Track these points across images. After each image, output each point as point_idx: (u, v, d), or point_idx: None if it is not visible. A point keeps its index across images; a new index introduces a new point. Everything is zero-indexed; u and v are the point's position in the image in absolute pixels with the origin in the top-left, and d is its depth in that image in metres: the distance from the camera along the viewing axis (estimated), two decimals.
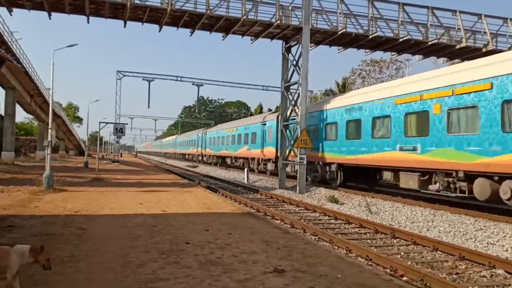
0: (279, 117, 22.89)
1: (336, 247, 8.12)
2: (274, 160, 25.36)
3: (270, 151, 26.19)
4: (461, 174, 12.16)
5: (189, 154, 58.57)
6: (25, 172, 24.10)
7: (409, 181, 14.35)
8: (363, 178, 18.73)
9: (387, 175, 16.08)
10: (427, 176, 13.69)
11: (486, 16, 20.75)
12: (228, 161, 37.28)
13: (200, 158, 50.07)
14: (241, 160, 33.45)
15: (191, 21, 19.12)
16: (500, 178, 11.05)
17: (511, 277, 6.52)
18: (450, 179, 12.66)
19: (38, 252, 3.82)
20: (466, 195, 12.14)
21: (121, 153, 65.84)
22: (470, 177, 11.97)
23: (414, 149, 13.91)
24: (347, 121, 17.97)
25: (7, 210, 9.72)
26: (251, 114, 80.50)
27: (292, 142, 20.36)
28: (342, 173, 18.62)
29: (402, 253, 7.99)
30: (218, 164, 41.49)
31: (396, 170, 15.21)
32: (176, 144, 70.88)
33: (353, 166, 17.72)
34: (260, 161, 28.75)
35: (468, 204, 13.37)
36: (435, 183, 13.30)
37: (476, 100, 11.69)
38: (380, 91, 16.55)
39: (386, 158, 15.34)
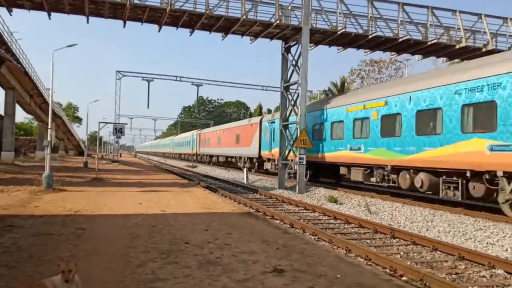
0: None
1: (336, 247, 8.12)
2: None
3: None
4: None
5: (218, 156, 41.02)
6: (25, 172, 24.08)
7: None
8: None
9: None
10: None
11: (486, 16, 20.75)
12: (343, 171, 18.73)
13: (252, 162, 29.78)
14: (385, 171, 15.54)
15: (190, 21, 19.12)
16: None
17: (511, 277, 6.52)
18: None
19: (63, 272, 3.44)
20: None
21: (120, 153, 65.76)
22: None
23: None
24: None
25: (6, 210, 9.71)
26: (251, 114, 76.74)
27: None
28: None
29: (401, 253, 7.99)
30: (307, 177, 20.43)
31: None
32: (194, 142, 52.52)
33: None
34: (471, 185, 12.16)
35: (468, 204, 13.36)
36: None
37: None
38: None
39: None
